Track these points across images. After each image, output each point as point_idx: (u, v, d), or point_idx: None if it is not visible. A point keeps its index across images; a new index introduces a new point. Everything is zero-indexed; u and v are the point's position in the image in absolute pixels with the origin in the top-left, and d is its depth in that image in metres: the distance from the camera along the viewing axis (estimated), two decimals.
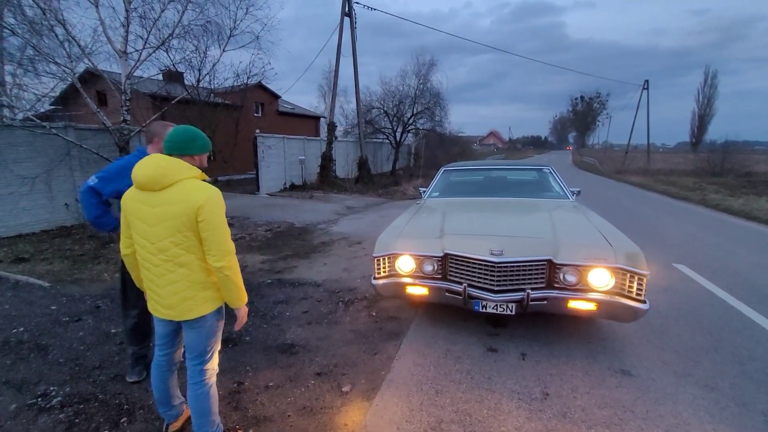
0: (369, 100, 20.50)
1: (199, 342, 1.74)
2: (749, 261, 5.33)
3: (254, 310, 3.61)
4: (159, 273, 1.64)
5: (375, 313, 3.55)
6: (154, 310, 1.74)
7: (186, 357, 1.81)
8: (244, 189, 14.41)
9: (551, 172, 4.79)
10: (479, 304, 2.77)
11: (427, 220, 3.53)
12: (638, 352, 2.83)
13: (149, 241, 1.61)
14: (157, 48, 7.68)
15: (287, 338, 3.07)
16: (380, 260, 3.02)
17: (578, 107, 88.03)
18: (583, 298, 2.60)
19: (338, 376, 2.54)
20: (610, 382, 2.46)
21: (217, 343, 1.83)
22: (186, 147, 1.67)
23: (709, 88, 59.46)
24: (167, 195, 1.57)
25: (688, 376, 2.54)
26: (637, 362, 2.70)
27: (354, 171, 17.01)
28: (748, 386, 2.42)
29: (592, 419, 2.10)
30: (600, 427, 2.04)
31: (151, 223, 1.59)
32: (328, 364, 2.69)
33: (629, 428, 2.03)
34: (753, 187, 15.39)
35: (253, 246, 6.35)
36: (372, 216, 9.33)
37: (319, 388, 2.40)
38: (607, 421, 2.08)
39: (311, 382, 2.47)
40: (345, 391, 2.38)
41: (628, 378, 2.50)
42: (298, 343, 3.00)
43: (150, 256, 1.64)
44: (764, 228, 7.88)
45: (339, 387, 2.42)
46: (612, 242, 2.69)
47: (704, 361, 2.72)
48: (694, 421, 2.10)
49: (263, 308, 3.67)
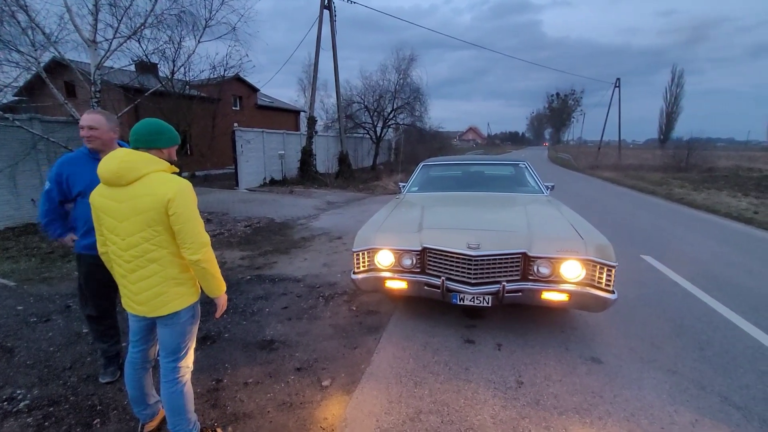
0: (349, 95, 20.39)
1: (173, 339, 1.72)
2: (710, 252, 5.62)
3: (233, 307, 3.57)
4: (130, 269, 1.62)
5: (355, 307, 3.58)
6: (128, 306, 1.72)
7: (160, 355, 1.78)
8: (223, 184, 14.11)
9: (527, 167, 4.91)
10: (457, 297, 2.83)
11: (406, 214, 3.56)
12: (607, 340, 2.97)
13: (119, 236, 1.59)
14: (128, 37, 7.39)
15: (267, 334, 3.06)
16: (359, 255, 3.04)
17: (554, 104, 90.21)
18: (555, 290, 2.70)
19: (318, 371, 2.55)
20: (581, 369, 2.57)
21: (192, 341, 1.81)
22: (153, 140, 1.63)
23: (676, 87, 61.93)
24: (134, 189, 1.54)
25: (653, 361, 2.67)
26: (606, 350, 2.82)
27: (334, 166, 16.91)
28: (707, 369, 2.57)
29: (564, 405, 2.19)
30: (571, 412, 2.14)
31: (119, 218, 1.56)
32: (308, 359, 2.70)
33: (597, 412, 2.14)
34: (714, 182, 16.15)
35: (232, 242, 6.26)
36: (352, 211, 9.32)
37: (299, 383, 2.41)
38: (578, 407, 2.18)
39: (291, 378, 2.47)
40: (325, 385, 2.39)
41: (598, 365, 2.62)
42: (278, 338, 2.99)
43: (121, 252, 1.61)
44: (724, 220, 8.31)
45: (319, 381, 2.43)
46: (583, 235, 2.80)
47: (667, 347, 2.87)
48: (657, 403, 2.22)
49: (242, 305, 3.63)
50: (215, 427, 2.03)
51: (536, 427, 2.02)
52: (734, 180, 17.03)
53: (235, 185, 13.12)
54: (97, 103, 7.16)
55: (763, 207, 9.92)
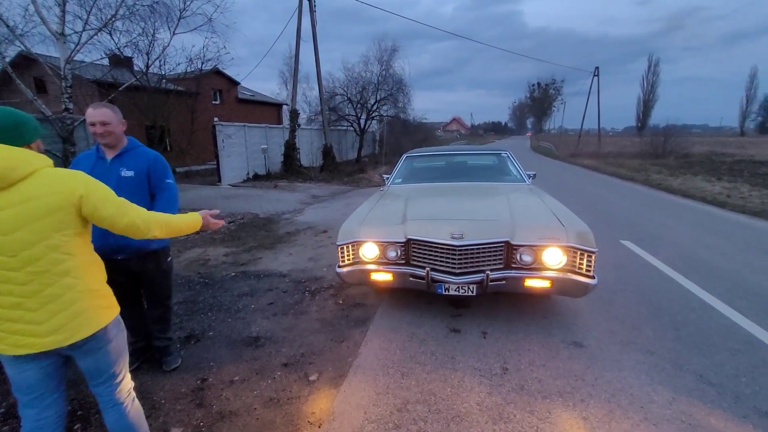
0: (332, 87, 20.16)
1: (106, 362, 1.45)
2: (687, 235, 5.80)
3: (218, 305, 3.52)
4: (30, 291, 1.27)
5: (341, 301, 3.57)
6: (22, 346, 1.30)
7: (91, 385, 1.51)
8: (205, 180, 13.84)
9: (509, 156, 4.95)
10: (442, 287, 2.85)
11: (390, 206, 3.56)
12: (589, 324, 3.04)
13: (6, 254, 1.24)
14: (99, 30, 7.13)
15: (252, 331, 3.03)
16: (344, 248, 3.03)
17: (535, 93, 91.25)
18: (538, 277, 2.74)
19: (305, 366, 2.54)
20: (564, 354, 2.63)
21: (126, 357, 1.57)
22: (14, 137, 1.29)
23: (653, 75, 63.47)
24: (25, 191, 1.24)
25: (632, 343, 2.76)
26: (588, 334, 2.89)
27: (319, 159, 16.77)
28: (683, 349, 2.67)
29: (547, 390, 2.24)
30: (554, 396, 2.19)
31: (5, 230, 1.22)
32: (294, 354, 2.69)
33: (580, 395, 2.19)
34: (690, 167, 16.62)
35: (215, 239, 6.16)
36: (337, 204, 9.27)
37: (286, 379, 2.40)
38: (561, 391, 2.23)
39: (278, 374, 2.46)
40: (312, 380, 2.39)
41: (580, 349, 2.68)
42: (264, 335, 2.97)
43: (11, 274, 1.25)
44: (699, 204, 8.57)
45: (306, 376, 2.43)
46: (564, 222, 2.84)
47: (646, 329, 2.96)
48: (636, 383, 2.29)
49: (227, 302, 3.58)
50: (201, 427, 2.00)
51: (521, 412, 2.06)
52: (708, 165, 17.55)
53: (218, 181, 12.87)
54: (69, 99, 6.90)
55: (735, 191, 10.27)
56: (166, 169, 2.37)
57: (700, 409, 2.06)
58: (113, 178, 2.18)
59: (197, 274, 4.41)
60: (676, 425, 1.95)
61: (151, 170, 2.30)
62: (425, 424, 2.00)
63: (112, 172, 2.20)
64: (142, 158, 2.30)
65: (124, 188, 2.19)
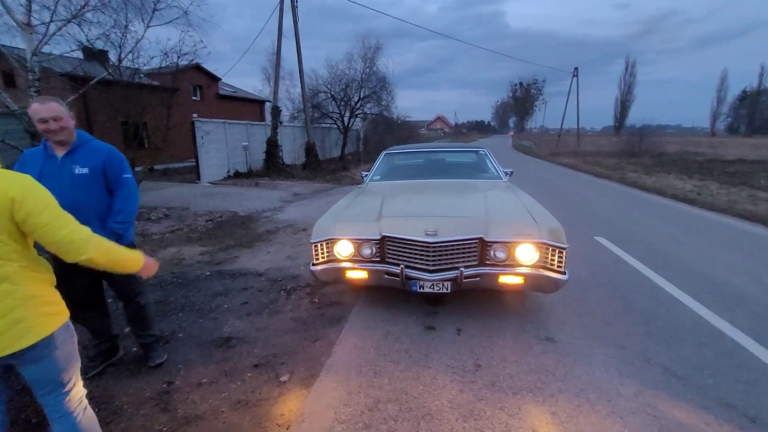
0: (315, 84, 19.98)
1: (52, 371, 1.36)
2: (659, 232, 5.95)
3: (189, 305, 3.42)
4: None
5: (317, 299, 3.52)
6: None
7: (36, 395, 1.42)
8: (184, 178, 13.53)
9: (486, 154, 4.97)
10: (416, 285, 2.83)
11: (366, 203, 3.52)
12: (562, 319, 3.08)
13: None
14: (68, 21, 6.83)
15: (224, 331, 2.96)
16: (318, 246, 2.98)
17: (517, 93, 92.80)
18: (511, 273, 2.76)
19: (277, 366, 2.49)
20: (536, 349, 2.65)
21: (77, 363, 1.47)
22: None
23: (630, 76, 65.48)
24: None
25: (603, 338, 2.80)
26: (560, 329, 2.93)
27: (302, 157, 16.58)
28: (651, 343, 2.72)
29: (519, 385, 2.26)
30: (525, 392, 2.20)
31: None
32: (266, 354, 2.63)
33: (550, 390, 2.21)
34: (663, 166, 17.14)
35: (191, 237, 6.01)
36: (319, 202, 9.19)
37: (256, 380, 2.35)
38: (531, 386, 2.25)
39: (248, 375, 2.40)
40: (283, 380, 2.34)
41: (552, 344, 2.71)
42: (236, 335, 2.90)
43: None
44: (671, 202, 8.83)
45: (277, 377, 2.37)
46: (537, 219, 2.86)
47: (616, 323, 3.01)
48: (605, 377, 2.33)
49: (199, 302, 3.49)
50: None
51: (492, 409, 2.06)
52: (681, 164, 18.12)
53: (197, 179, 12.60)
54: (37, 93, 6.60)
55: (705, 189, 10.64)
56: (122, 163, 2.26)
57: (664, 402, 2.10)
58: (66, 177, 2.07)
59: (170, 274, 4.29)
60: (642, 417, 1.98)
61: (107, 165, 2.18)
62: (396, 423, 1.98)
63: (65, 170, 2.08)
64: (96, 153, 2.18)
65: (79, 187, 2.09)
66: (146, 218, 7.25)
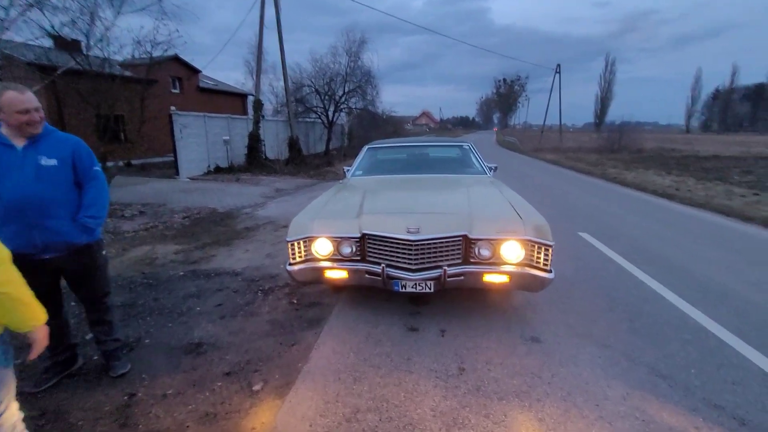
0: (299, 78, 19.60)
1: None
2: (641, 227, 5.99)
3: (159, 308, 3.23)
4: None
5: (296, 300, 3.37)
6: None
7: None
8: (163, 173, 13.08)
9: (470, 148, 4.87)
10: (398, 284, 2.71)
11: (347, 200, 3.38)
12: (547, 318, 3.01)
13: None
14: (29, 6, 6.43)
15: (195, 336, 2.78)
16: (295, 244, 2.83)
17: (501, 89, 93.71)
18: (496, 271, 2.66)
19: (249, 374, 2.34)
20: (521, 350, 2.57)
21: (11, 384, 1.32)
22: None
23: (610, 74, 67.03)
24: None
25: (588, 336, 2.74)
26: (545, 328, 2.85)
27: (285, 152, 16.25)
28: (636, 341, 2.67)
29: (504, 390, 2.16)
30: (510, 396, 2.11)
31: None
32: (239, 361, 2.47)
33: (536, 394, 2.13)
34: (642, 162, 17.50)
35: (167, 235, 5.76)
36: (301, 198, 8.97)
37: (227, 390, 2.19)
38: (517, 390, 2.16)
39: (218, 385, 2.24)
40: (256, 390, 2.19)
41: (537, 344, 2.63)
42: (207, 340, 2.72)
43: None
44: (651, 197, 8.94)
45: (249, 386, 2.22)
46: (522, 215, 2.77)
47: (601, 321, 2.96)
48: (592, 378, 2.26)
49: (170, 305, 3.29)
50: None
51: (476, 416, 1.96)
52: (659, 160, 18.53)
53: (176, 174, 12.19)
54: None
55: (683, 184, 10.86)
56: (92, 155, 2.16)
57: (652, 404, 2.04)
58: (30, 168, 1.91)
59: (141, 275, 4.07)
60: (630, 422, 1.91)
61: (77, 157, 2.05)
62: None
63: (28, 161, 1.92)
64: (64, 144, 2.04)
65: (45, 178, 1.94)
66: (119, 215, 6.94)
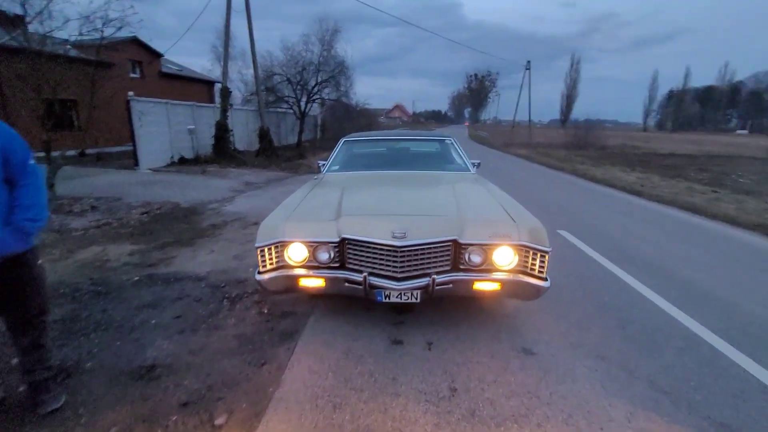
0: (270, 66, 18.76)
1: None
2: (615, 224, 6.02)
3: (107, 322, 2.82)
4: None
5: (267, 309, 3.05)
6: None
7: None
8: (122, 164, 12.17)
9: (453, 143, 4.66)
10: (382, 294, 2.46)
11: (323, 199, 3.07)
12: (538, 325, 2.84)
13: None
14: None
15: (147, 357, 2.41)
16: (265, 250, 2.50)
17: (473, 84, 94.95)
18: (487, 279, 2.45)
19: (211, 404, 2.01)
20: (515, 364, 2.38)
21: None
22: None
23: (575, 72, 69.62)
24: None
25: (582, 346, 2.59)
26: (537, 337, 2.69)
27: (255, 143, 15.54)
28: (632, 351, 2.55)
29: (501, 414, 1.96)
30: (509, 422, 1.90)
31: None
32: (199, 388, 2.14)
33: (536, 418, 1.94)
34: (608, 158, 18.18)
35: (121, 233, 5.22)
36: (273, 192, 8.53)
37: (183, 426, 1.86)
38: (515, 413, 1.96)
39: (173, 419, 1.91)
40: (219, 424, 1.88)
41: (531, 357, 2.46)
42: (162, 362, 2.36)
43: None
44: (622, 194, 9.12)
45: (211, 420, 1.90)
46: (515, 218, 2.57)
47: (593, 328, 2.83)
48: (592, 398, 2.09)
49: (120, 318, 2.89)
50: None
51: None
52: (622, 157, 19.30)
53: (135, 165, 11.35)
54: None
55: (647, 180, 11.30)
56: (26, 147, 1.80)
57: (658, 425, 1.90)
58: None
59: (89, 281, 3.60)
60: None
61: (8, 149, 1.71)
62: None
63: None
64: None
65: None
66: (67, 211, 6.28)
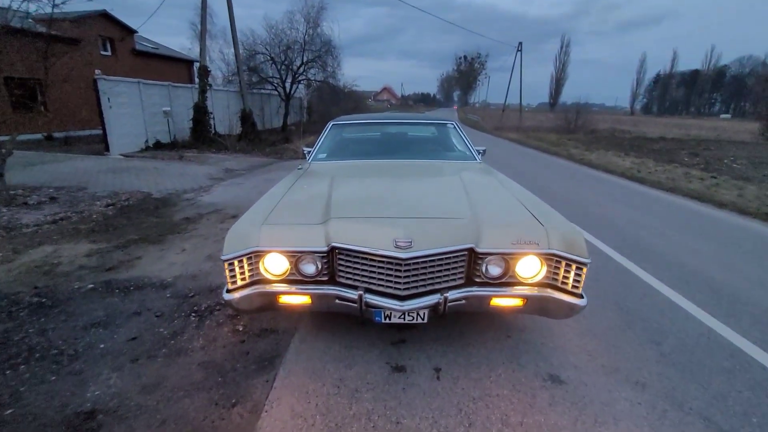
0: (252, 44, 17.75)
1: None
2: (620, 214, 5.67)
3: (43, 347, 2.31)
4: None
5: (242, 326, 2.57)
6: None
7: None
8: (91, 149, 11.36)
9: (455, 127, 4.16)
10: (381, 314, 2.02)
11: (307, 195, 2.57)
12: (561, 343, 2.44)
13: None
14: None
15: (87, 399, 1.92)
16: (235, 263, 2.01)
17: (462, 66, 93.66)
18: (508, 295, 2.03)
19: None
20: (543, 398, 1.97)
21: None
22: None
23: (564, 55, 69.35)
24: None
25: (616, 371, 2.20)
26: (563, 359, 2.29)
27: (237, 126, 14.74)
28: (673, 375, 2.17)
29: None
30: None
31: None
32: None
33: None
34: (599, 142, 18.01)
35: (80, 230, 4.62)
36: (255, 180, 7.94)
37: None
38: None
39: None
40: None
41: (560, 387, 2.05)
42: (105, 405, 1.88)
43: None
44: (621, 180, 8.82)
45: None
46: (542, 221, 2.12)
47: (625, 346, 2.44)
48: None
49: (61, 340, 2.38)
50: None
51: None
52: (613, 140, 19.13)
53: (105, 150, 10.55)
54: None
55: (643, 166, 11.05)
56: None
57: None
58: None
59: (32, 289, 3.06)
60: None
61: None
62: None
63: None
64: None
65: None
66: (21, 203, 5.62)
